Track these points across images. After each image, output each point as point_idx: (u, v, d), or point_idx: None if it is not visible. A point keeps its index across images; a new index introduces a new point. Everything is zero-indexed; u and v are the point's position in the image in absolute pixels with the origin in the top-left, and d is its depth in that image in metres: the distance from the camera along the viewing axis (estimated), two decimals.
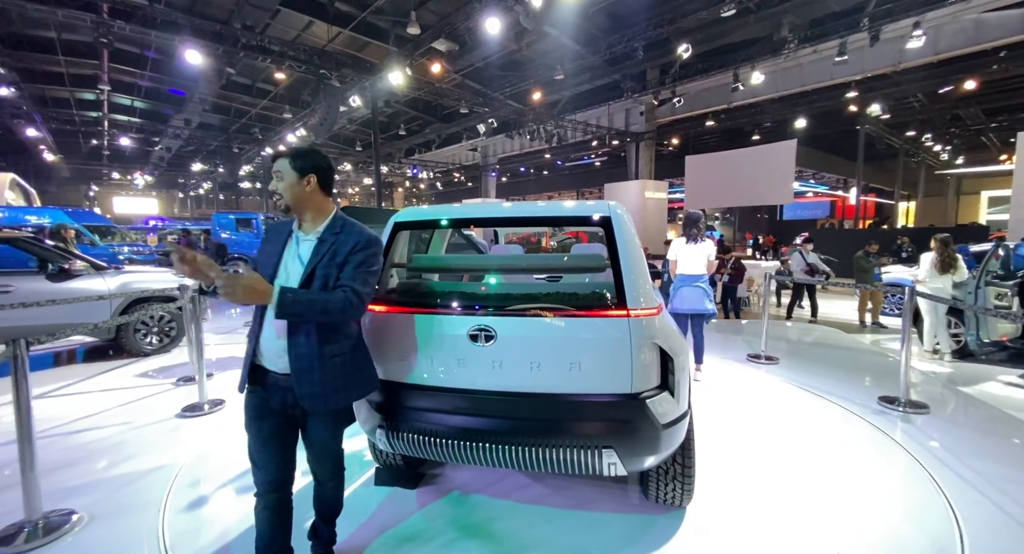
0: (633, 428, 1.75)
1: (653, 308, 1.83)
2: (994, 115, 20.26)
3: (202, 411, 3.62)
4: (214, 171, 26.86)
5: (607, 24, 12.37)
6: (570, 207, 2.09)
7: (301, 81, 15.85)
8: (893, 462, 2.81)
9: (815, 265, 7.71)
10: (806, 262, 7.67)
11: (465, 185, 30.19)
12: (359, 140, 22.96)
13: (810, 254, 7.83)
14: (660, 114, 17.37)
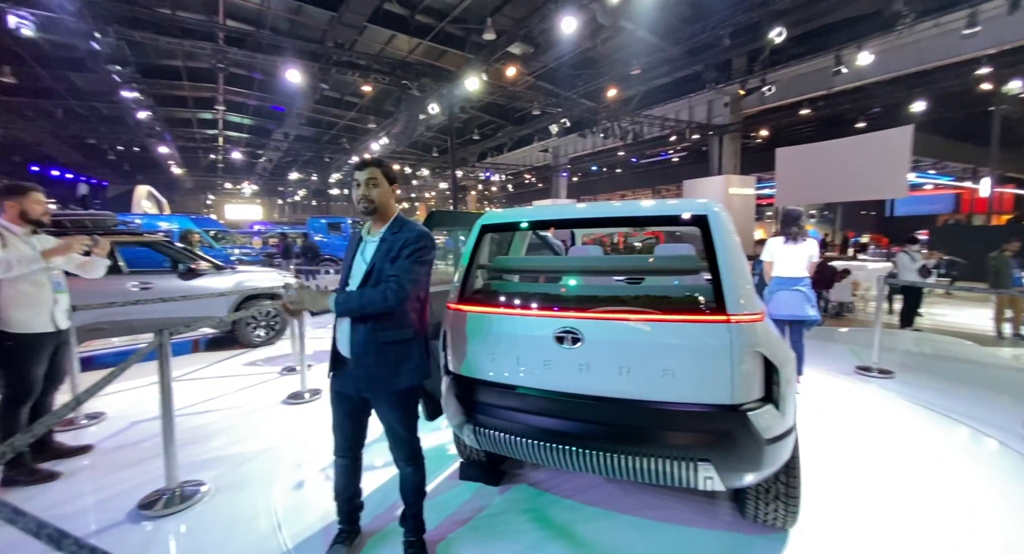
0: (733, 441, 1.63)
1: (756, 313, 1.69)
2: None
3: (303, 399, 3.97)
4: (308, 179, 29.44)
5: (689, 13, 11.77)
6: (662, 206, 2.00)
7: (384, 92, 16.87)
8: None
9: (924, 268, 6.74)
10: (916, 264, 6.71)
11: (536, 186, 30.30)
12: (435, 146, 23.95)
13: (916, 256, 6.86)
14: (747, 104, 16.20)
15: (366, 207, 1.80)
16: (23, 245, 2.54)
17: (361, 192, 1.78)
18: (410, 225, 1.84)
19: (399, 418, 1.89)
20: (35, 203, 2.62)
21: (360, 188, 1.79)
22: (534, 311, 1.92)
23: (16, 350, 2.55)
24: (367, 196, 1.78)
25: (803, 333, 3.81)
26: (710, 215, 1.78)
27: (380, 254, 1.78)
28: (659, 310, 1.74)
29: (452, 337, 2.15)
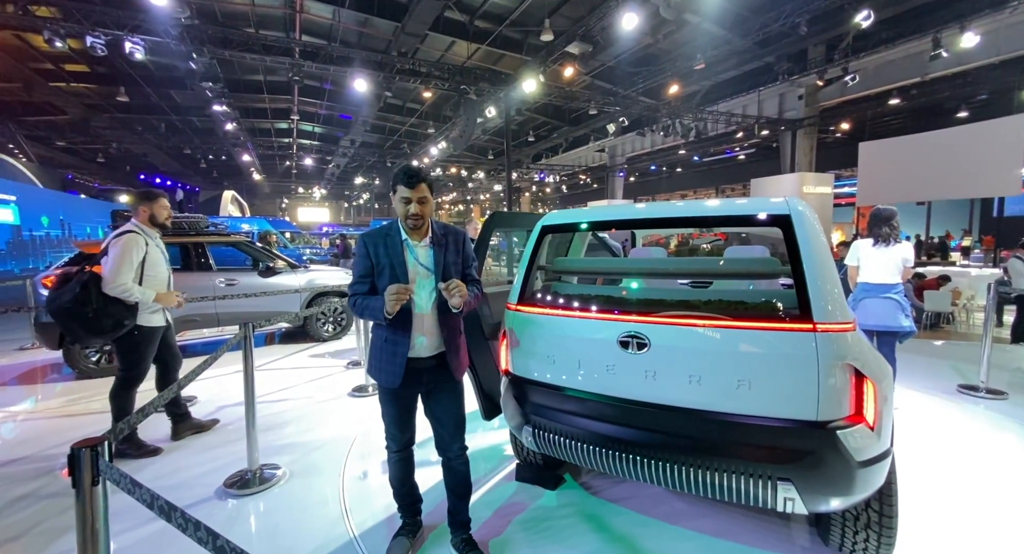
0: (819, 461, 1.49)
1: (848, 322, 1.54)
2: None
3: (367, 392, 4.14)
4: (371, 183, 30.91)
5: (759, 2, 11.10)
6: (734, 205, 1.87)
7: (443, 98, 17.36)
8: None
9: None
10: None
11: (591, 187, 29.88)
12: (491, 149, 24.28)
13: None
14: (824, 96, 15.02)
15: (416, 224, 1.79)
16: (156, 249, 2.93)
17: (413, 210, 1.76)
18: (449, 226, 1.98)
19: (462, 403, 1.99)
20: (162, 208, 2.96)
21: (411, 205, 1.76)
22: (598, 314, 1.87)
23: (141, 341, 2.92)
24: (419, 214, 1.78)
25: (895, 346, 3.44)
26: (794, 214, 1.64)
27: (443, 254, 1.87)
28: (734, 316, 1.63)
29: (512, 338, 2.15)
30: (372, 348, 1.93)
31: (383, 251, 1.82)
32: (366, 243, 1.84)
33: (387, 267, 1.80)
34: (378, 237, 1.85)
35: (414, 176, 1.76)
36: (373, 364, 1.92)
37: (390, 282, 1.76)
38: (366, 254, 1.83)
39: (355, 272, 1.88)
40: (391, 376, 1.85)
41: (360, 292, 1.86)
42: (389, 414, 1.97)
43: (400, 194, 1.77)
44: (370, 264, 1.83)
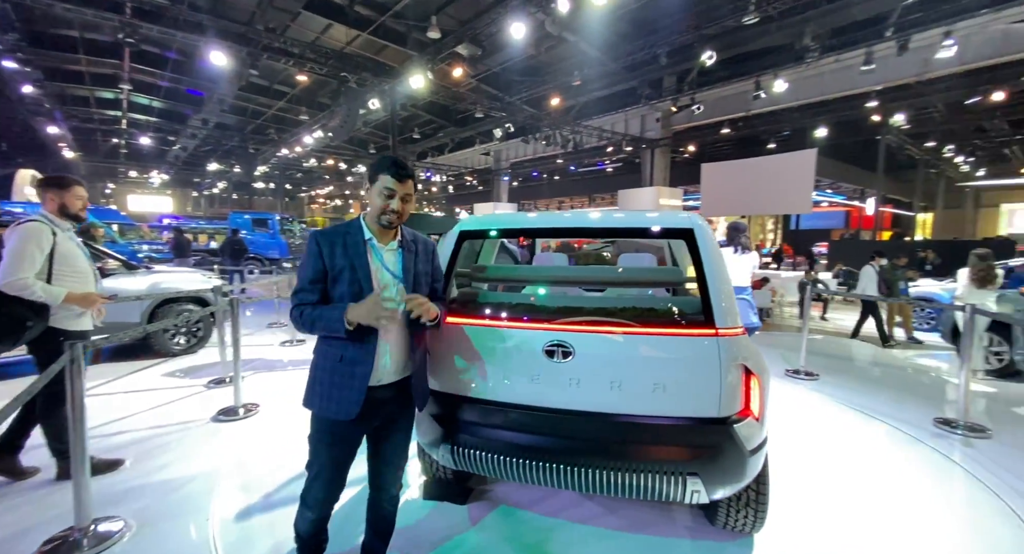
0: (720, 454, 1.66)
1: (740, 326, 1.74)
2: (1019, 127, 19.96)
3: (237, 415, 3.57)
4: (229, 171, 27.10)
5: (628, 30, 12.32)
6: (649, 217, 2.01)
7: (318, 83, 15.95)
8: (966, 492, 2.69)
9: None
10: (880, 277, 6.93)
11: (476, 189, 30.20)
12: (372, 143, 23.06)
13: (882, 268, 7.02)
14: (676, 121, 17.28)
15: (392, 222, 1.57)
16: (70, 242, 2.53)
17: (395, 205, 1.54)
18: (420, 234, 1.76)
19: (410, 435, 1.79)
20: (76, 198, 2.56)
21: (394, 200, 1.54)
22: (523, 323, 1.84)
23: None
24: (400, 212, 1.56)
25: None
26: (696, 228, 1.81)
27: (413, 261, 1.66)
28: (648, 323, 1.74)
29: (428, 351, 2.01)
30: (316, 371, 1.60)
31: (340, 252, 1.55)
32: (319, 242, 1.55)
33: (345, 270, 1.54)
34: (334, 235, 1.57)
35: (404, 169, 1.55)
36: (316, 391, 1.58)
37: (350, 289, 1.53)
38: (318, 254, 1.54)
39: (302, 276, 1.57)
40: (345, 405, 1.53)
41: (308, 301, 1.55)
42: (326, 460, 1.61)
43: (383, 184, 1.54)
44: (322, 266, 1.54)
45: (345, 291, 1.54)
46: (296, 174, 31.30)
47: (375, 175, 1.56)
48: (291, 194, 38.96)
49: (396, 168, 1.53)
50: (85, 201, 2.63)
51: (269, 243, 17.27)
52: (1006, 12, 9.97)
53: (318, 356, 1.62)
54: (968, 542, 2.21)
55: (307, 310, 1.54)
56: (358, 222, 1.62)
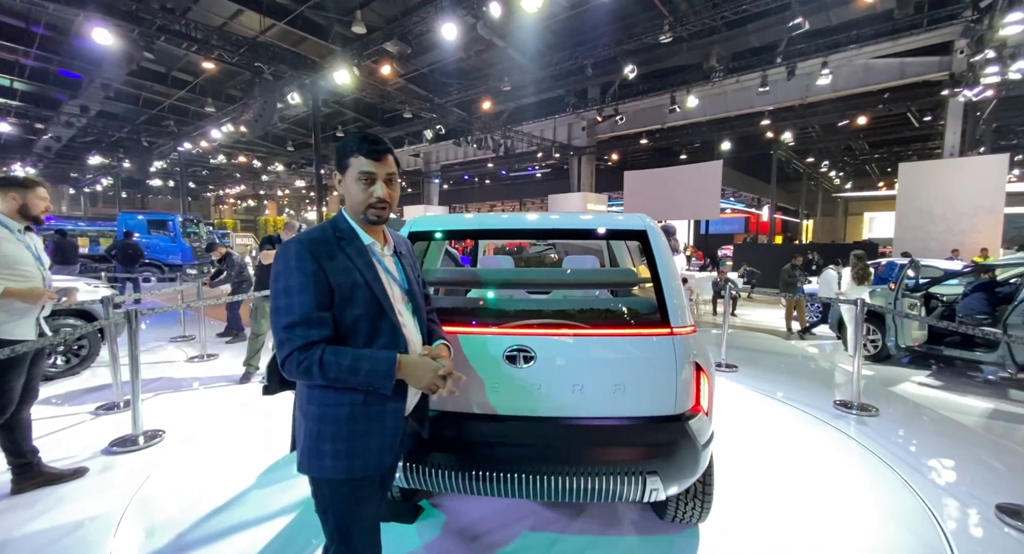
0: (676, 451, 1.70)
1: (691, 325, 1.80)
2: (876, 148, 23.48)
3: (136, 445, 3.08)
4: (117, 166, 23.88)
5: (555, 41, 12.70)
6: (605, 219, 2.02)
7: (227, 73, 14.61)
8: (863, 463, 3.03)
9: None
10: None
11: (406, 191, 29.43)
12: (291, 140, 21.59)
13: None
14: (600, 130, 18.11)
15: (380, 215, 1.23)
16: (16, 244, 2.35)
17: (380, 192, 1.21)
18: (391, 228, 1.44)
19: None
20: (39, 199, 2.44)
21: (376, 185, 1.21)
22: (485, 328, 1.76)
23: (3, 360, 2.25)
24: (387, 200, 1.22)
25: None
26: (648, 230, 1.86)
27: (410, 265, 1.39)
28: (607, 324, 1.74)
29: None
30: (322, 424, 1.18)
31: (343, 265, 1.18)
32: (314, 254, 1.15)
33: (359, 288, 1.18)
34: (325, 244, 1.19)
35: (379, 143, 1.22)
36: (327, 450, 1.16)
37: (368, 311, 1.18)
38: (317, 271, 1.14)
39: (301, 304, 1.13)
40: (377, 456, 1.19)
41: (322, 338, 1.13)
42: (360, 527, 1.23)
43: (357, 169, 1.20)
44: (327, 286, 1.15)
45: (361, 315, 1.18)
46: (202, 171, 28.40)
47: (344, 160, 1.23)
48: (195, 193, 35.26)
49: (368, 144, 1.20)
50: (47, 203, 2.51)
51: (169, 247, 15.45)
52: (867, 49, 11.68)
53: (322, 405, 1.19)
54: (866, 506, 2.51)
55: (329, 354, 1.12)
56: (346, 223, 1.26)
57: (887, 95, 14.32)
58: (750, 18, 10.88)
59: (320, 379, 1.13)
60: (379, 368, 1.14)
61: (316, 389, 1.20)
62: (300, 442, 1.22)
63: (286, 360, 1.13)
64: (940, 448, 3.29)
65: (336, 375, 1.12)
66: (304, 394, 1.23)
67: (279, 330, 1.15)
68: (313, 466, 1.19)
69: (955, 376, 5.22)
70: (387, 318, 1.22)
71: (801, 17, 9.03)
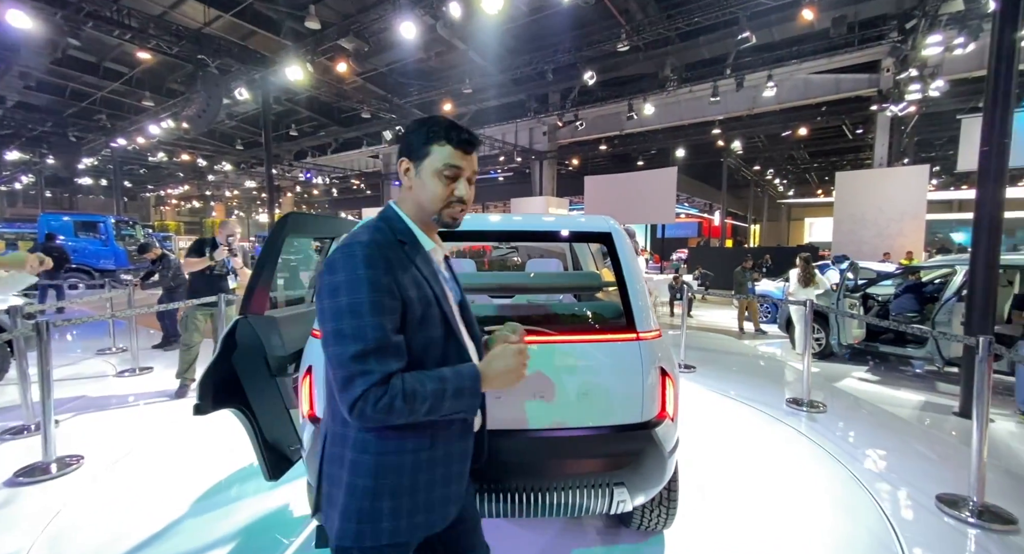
0: (643, 460, 1.65)
1: (656, 329, 1.77)
2: (815, 157, 25.09)
3: (48, 473, 2.74)
4: (39, 162, 21.85)
5: (516, 45, 12.73)
6: (569, 221, 1.95)
7: (167, 65, 13.69)
8: (812, 458, 3.14)
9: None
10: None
11: (364, 193, 28.66)
12: (240, 138, 20.51)
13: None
14: (561, 135, 18.33)
15: (456, 218, 1.04)
16: None
17: (463, 192, 1.02)
18: None
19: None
20: None
21: (461, 185, 1.02)
22: None
23: None
24: (467, 202, 1.04)
25: None
26: (614, 232, 1.81)
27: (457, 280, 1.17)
28: (574, 329, 1.68)
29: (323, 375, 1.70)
30: (379, 479, 0.94)
31: (415, 275, 0.97)
32: (388, 262, 0.93)
33: (431, 306, 0.98)
34: (393, 247, 0.97)
35: (472, 134, 1.03)
36: (386, 509, 0.94)
37: (443, 332, 0.99)
38: (391, 285, 0.92)
39: (373, 328, 0.88)
40: (443, 506, 1.00)
41: (398, 369, 0.89)
42: None
43: (443, 160, 1.00)
44: (400, 304, 0.93)
45: (433, 339, 0.98)
46: (139, 170, 26.48)
47: (423, 146, 1.01)
48: (133, 193, 32.85)
49: (460, 132, 1.01)
50: None
51: (100, 251, 14.25)
52: (806, 64, 12.44)
53: (379, 454, 0.94)
54: (820, 500, 2.59)
55: (411, 381, 0.89)
56: (403, 223, 1.03)
57: (824, 108, 15.31)
58: (702, 30, 11.32)
59: (404, 417, 0.88)
60: (464, 384, 0.94)
61: (371, 434, 0.94)
62: (340, 504, 0.95)
63: (358, 401, 0.86)
64: (882, 441, 3.46)
65: (419, 407, 0.89)
66: (349, 439, 0.96)
67: (346, 362, 0.87)
68: (366, 533, 0.93)
69: (889, 371, 5.57)
70: (455, 340, 1.02)
71: (748, 31, 9.47)
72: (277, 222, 2.02)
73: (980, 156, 3.90)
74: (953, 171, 16.31)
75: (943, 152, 21.13)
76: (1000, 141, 3.79)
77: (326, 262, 0.96)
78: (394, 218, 1.04)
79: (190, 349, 4.07)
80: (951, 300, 4.93)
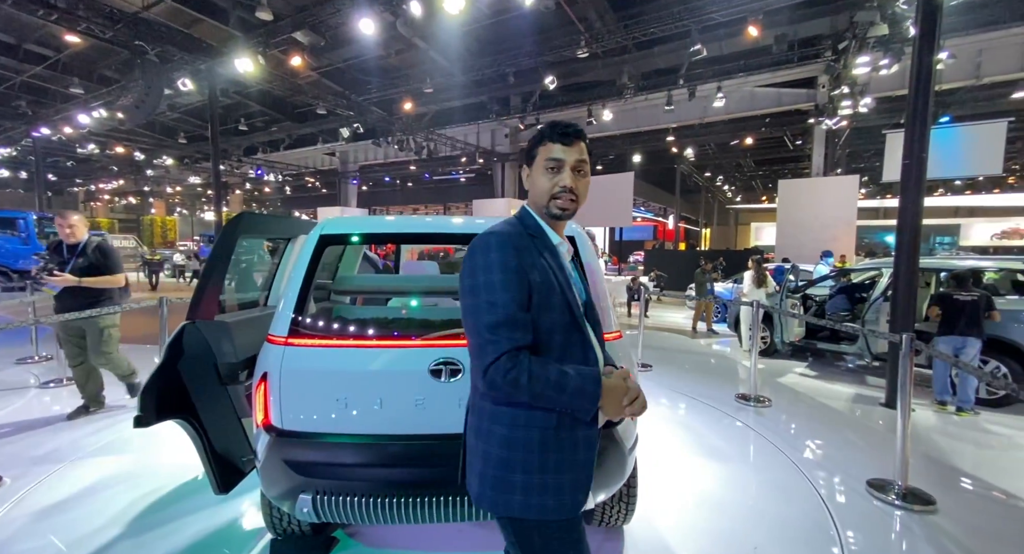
0: (604, 457, 1.69)
1: (617, 330, 1.82)
2: (760, 165, 26.60)
3: None
4: None
5: (477, 47, 12.73)
6: None
7: (100, 50, 12.71)
8: (759, 449, 3.33)
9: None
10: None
11: (320, 191, 27.70)
12: (183, 131, 19.32)
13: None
14: (523, 138, 18.45)
15: (564, 208, 1.09)
16: None
17: (567, 180, 1.08)
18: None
19: None
20: None
21: (563, 174, 1.08)
22: (406, 341, 1.62)
23: None
24: (576, 190, 1.10)
25: None
26: (577, 236, 1.85)
27: (586, 281, 1.23)
28: None
29: (279, 382, 1.64)
30: (515, 448, 1.00)
31: (540, 262, 1.04)
32: (516, 249, 1.02)
33: (555, 293, 1.03)
34: (523, 238, 1.06)
35: (570, 126, 1.10)
36: (518, 483, 1.00)
37: (561, 319, 1.03)
38: (519, 268, 1.00)
39: (503, 304, 0.97)
40: (572, 492, 1.03)
41: (525, 345, 0.97)
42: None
43: (544, 156, 1.09)
44: (527, 286, 1.01)
45: (556, 324, 1.03)
46: (66, 162, 24.36)
47: (532, 151, 1.13)
48: (58, 188, 30.16)
49: (559, 128, 1.10)
50: None
51: (19, 250, 13.01)
52: (752, 78, 13.19)
53: (511, 426, 1.01)
54: (766, 489, 2.76)
55: (535, 364, 0.95)
56: (532, 219, 1.12)
57: (768, 120, 16.28)
58: (656, 41, 11.75)
59: (525, 394, 0.95)
60: (587, 387, 0.98)
61: (505, 406, 1.02)
62: (478, 470, 1.04)
63: (490, 367, 0.95)
64: (820, 432, 3.72)
65: (541, 390, 0.95)
66: (486, 411, 1.05)
67: (481, 330, 0.97)
68: (499, 502, 1.01)
69: (826, 366, 5.99)
70: (579, 330, 1.07)
71: (700, 44, 9.92)
72: (229, 222, 1.93)
73: (902, 168, 4.27)
74: (880, 181, 17.75)
75: (871, 163, 22.96)
76: (919, 155, 4.17)
77: (468, 249, 1.06)
78: (525, 215, 1.14)
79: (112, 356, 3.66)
80: (878, 300, 5.37)
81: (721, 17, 9.87)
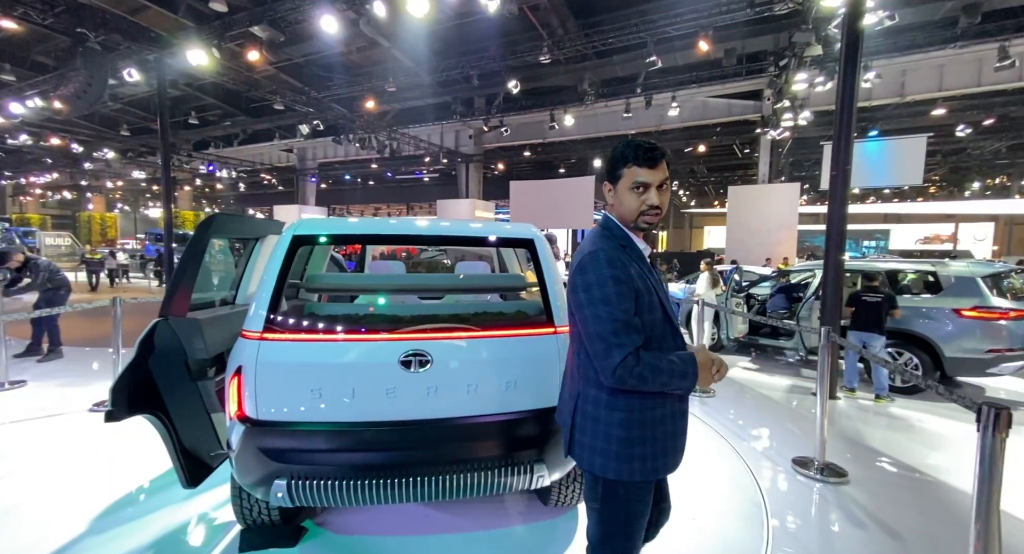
0: (559, 439, 1.88)
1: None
2: (712, 172, 27.95)
3: None
4: None
5: (441, 48, 12.78)
6: (494, 228, 2.14)
7: (34, 35, 11.88)
8: (702, 435, 3.64)
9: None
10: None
11: (276, 188, 26.76)
12: (126, 123, 18.23)
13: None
14: (487, 139, 18.63)
15: (651, 222, 1.26)
16: None
17: (654, 199, 1.23)
18: None
19: None
20: None
21: (650, 193, 1.23)
22: (376, 335, 1.75)
23: None
24: (660, 207, 1.26)
25: None
26: (535, 239, 2.04)
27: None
28: (499, 326, 1.87)
29: (254, 376, 1.73)
30: (633, 428, 1.23)
31: (637, 270, 1.23)
32: (621, 261, 1.21)
33: (652, 294, 1.24)
34: (620, 251, 1.24)
35: (654, 149, 1.24)
36: (636, 453, 1.23)
37: (658, 318, 1.24)
38: (629, 279, 1.19)
39: (622, 312, 1.16)
40: (676, 453, 1.32)
41: (640, 344, 1.17)
42: (640, 522, 1.31)
43: (631, 179, 1.23)
44: (633, 293, 1.20)
45: (656, 320, 1.24)
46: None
47: (616, 171, 1.26)
48: None
49: (643, 152, 1.23)
50: None
51: None
52: (704, 89, 13.93)
53: (628, 410, 1.24)
54: (706, 471, 3.05)
55: (649, 358, 1.17)
56: (621, 230, 1.29)
57: (719, 129, 17.20)
58: (615, 50, 12.20)
59: (647, 385, 1.17)
60: (689, 369, 1.18)
61: (620, 395, 1.24)
62: (600, 448, 1.26)
63: (618, 367, 1.15)
64: (757, 419, 4.09)
65: (660, 379, 1.16)
66: (602, 400, 1.26)
67: (606, 336, 1.16)
68: (623, 470, 1.24)
69: (767, 360, 6.49)
70: (670, 324, 1.28)
71: (655, 56, 10.42)
72: (202, 222, 1.99)
73: (830, 179, 4.74)
74: (818, 188, 19.10)
75: (811, 172, 24.60)
76: (844, 167, 4.65)
77: (577, 264, 1.24)
78: (613, 227, 1.31)
79: None
80: (811, 299, 5.89)
81: (675, 31, 10.39)
